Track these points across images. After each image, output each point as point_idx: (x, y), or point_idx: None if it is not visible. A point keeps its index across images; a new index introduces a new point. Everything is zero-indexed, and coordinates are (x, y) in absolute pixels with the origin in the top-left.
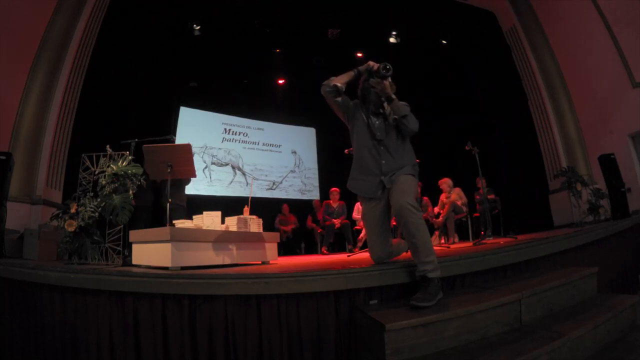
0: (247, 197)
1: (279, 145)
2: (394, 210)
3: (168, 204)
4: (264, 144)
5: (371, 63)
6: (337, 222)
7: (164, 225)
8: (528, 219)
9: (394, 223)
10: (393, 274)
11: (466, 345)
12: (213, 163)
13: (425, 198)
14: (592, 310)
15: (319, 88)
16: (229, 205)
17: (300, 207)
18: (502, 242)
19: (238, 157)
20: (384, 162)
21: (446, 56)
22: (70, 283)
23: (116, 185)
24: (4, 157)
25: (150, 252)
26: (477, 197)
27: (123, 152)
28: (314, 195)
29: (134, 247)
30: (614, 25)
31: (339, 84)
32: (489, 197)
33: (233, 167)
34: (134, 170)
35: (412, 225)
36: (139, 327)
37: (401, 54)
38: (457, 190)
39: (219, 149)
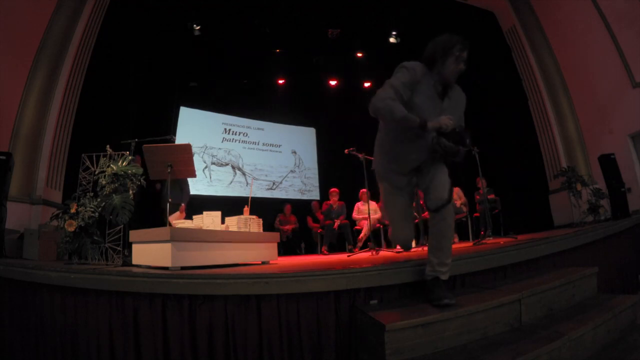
0: (247, 197)
1: (279, 145)
2: (432, 203)
3: (168, 204)
4: (264, 144)
5: (443, 123)
6: (336, 222)
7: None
8: (528, 219)
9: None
10: (393, 274)
11: (466, 345)
12: (213, 163)
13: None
14: (592, 310)
15: (319, 88)
16: (229, 205)
17: (300, 207)
18: (502, 242)
19: (238, 157)
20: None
21: None
22: (70, 283)
23: (116, 185)
24: (4, 157)
25: (150, 252)
26: (477, 197)
27: (123, 152)
28: (314, 195)
29: (134, 247)
30: (614, 25)
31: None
32: (489, 197)
33: (233, 167)
34: (134, 170)
35: (449, 226)
36: (139, 327)
37: (401, 54)
38: (456, 190)
39: (219, 149)
